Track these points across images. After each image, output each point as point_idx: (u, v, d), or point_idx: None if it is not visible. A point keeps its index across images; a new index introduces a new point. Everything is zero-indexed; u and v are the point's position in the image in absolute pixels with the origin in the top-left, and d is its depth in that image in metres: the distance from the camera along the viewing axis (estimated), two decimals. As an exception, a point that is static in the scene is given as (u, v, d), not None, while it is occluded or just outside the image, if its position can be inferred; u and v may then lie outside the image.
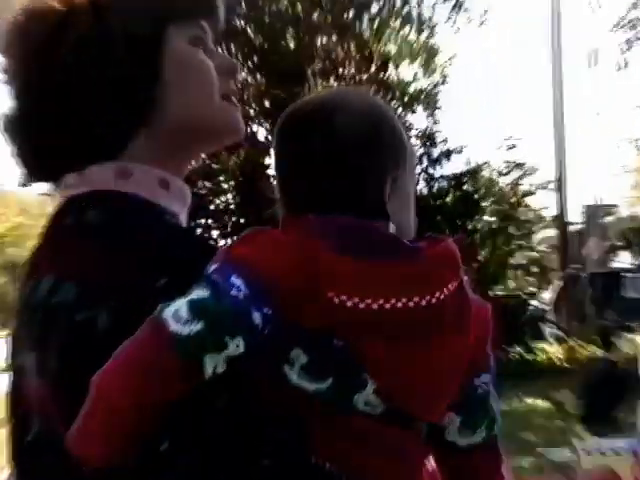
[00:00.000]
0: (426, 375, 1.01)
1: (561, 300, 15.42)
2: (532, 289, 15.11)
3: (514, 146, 14.47)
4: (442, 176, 14.29)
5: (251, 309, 0.92)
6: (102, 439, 0.89)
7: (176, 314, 0.91)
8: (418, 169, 14.28)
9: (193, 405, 0.93)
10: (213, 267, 0.95)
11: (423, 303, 0.99)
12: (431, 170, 14.24)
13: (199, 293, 0.92)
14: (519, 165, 14.50)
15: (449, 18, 15.11)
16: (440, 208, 13.74)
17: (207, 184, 12.57)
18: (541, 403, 10.01)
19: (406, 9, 14.57)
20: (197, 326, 0.90)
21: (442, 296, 1.00)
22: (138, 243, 1.01)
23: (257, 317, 0.93)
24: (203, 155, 1.25)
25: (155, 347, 0.90)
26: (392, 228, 1.04)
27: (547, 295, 16.02)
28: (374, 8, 14.30)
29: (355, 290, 0.96)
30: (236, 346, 0.91)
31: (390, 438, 1.01)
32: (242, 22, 13.05)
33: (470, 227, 13.85)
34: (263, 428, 0.96)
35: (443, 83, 14.67)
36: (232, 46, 12.65)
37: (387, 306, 0.97)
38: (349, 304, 0.96)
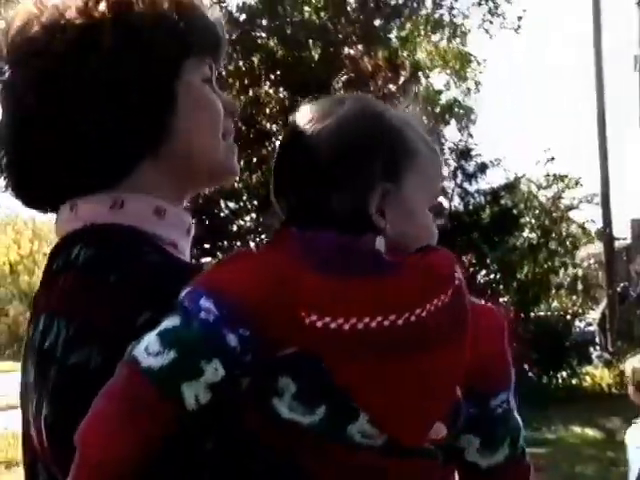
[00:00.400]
0: (411, 395, 1.00)
1: (608, 320, 15.23)
2: (577, 309, 14.96)
3: (553, 158, 14.40)
4: (478, 191, 14.24)
5: (223, 331, 0.93)
6: None
7: (147, 349, 0.92)
8: (452, 184, 14.24)
9: (184, 447, 0.94)
10: (184, 292, 0.96)
11: (400, 322, 0.98)
12: (466, 185, 14.19)
13: (170, 322, 0.94)
14: (560, 178, 14.41)
15: (483, 21, 15.10)
16: (476, 224, 13.67)
17: (230, 205, 12.64)
18: (590, 432, 9.87)
19: (437, 15, 14.60)
20: (169, 355, 0.92)
21: (424, 313, 0.99)
22: (122, 277, 1.03)
23: (232, 339, 0.93)
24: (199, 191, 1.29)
25: (132, 388, 0.92)
26: (379, 242, 1.03)
27: (594, 315, 15.84)
28: (403, 14, 14.35)
29: (326, 310, 0.96)
30: (214, 370, 0.92)
31: (399, 472, 1.00)
32: (264, 34, 13.16)
33: (509, 244, 13.76)
34: (254, 466, 0.98)
35: (476, 91, 14.67)
36: (254, 59, 12.76)
37: (360, 326, 0.97)
38: (319, 324, 0.96)
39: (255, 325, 0.94)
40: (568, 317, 13.97)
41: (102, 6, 1.11)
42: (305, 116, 1.09)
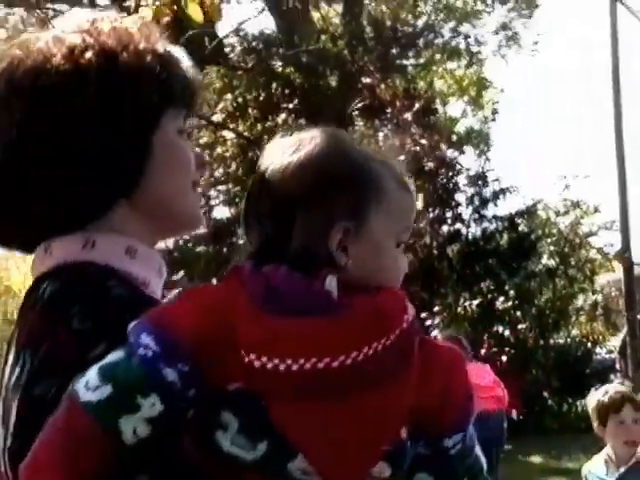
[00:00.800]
0: (345, 437, 0.99)
1: (628, 347, 15.08)
2: (597, 336, 14.83)
3: (568, 186, 14.36)
4: (495, 217, 14.21)
5: (160, 366, 0.94)
6: None
7: (87, 384, 0.94)
8: (469, 210, 14.22)
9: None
10: (131, 326, 0.98)
11: (335, 364, 0.98)
12: (483, 211, 14.16)
13: (113, 356, 0.96)
14: (578, 204, 14.37)
15: (499, 47, 15.12)
16: (494, 251, 13.63)
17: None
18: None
19: (454, 43, 14.65)
20: (107, 390, 0.93)
21: (360, 356, 0.99)
22: (83, 310, 1.05)
23: (170, 374, 0.95)
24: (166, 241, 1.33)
25: (72, 421, 0.94)
26: (330, 282, 1.02)
27: (615, 342, 15.70)
28: (420, 43, 14.42)
29: (264, 350, 0.96)
30: (151, 405, 0.94)
31: None
32: (281, 63, 13.26)
33: (527, 270, 13.69)
34: None
35: (493, 119, 14.68)
36: (272, 88, 12.85)
37: (294, 367, 0.97)
38: (257, 364, 0.96)
39: (196, 361, 0.95)
40: (588, 344, 13.87)
41: (88, 54, 1.13)
42: (275, 150, 1.09)
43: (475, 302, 12.57)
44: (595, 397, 3.72)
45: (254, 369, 0.96)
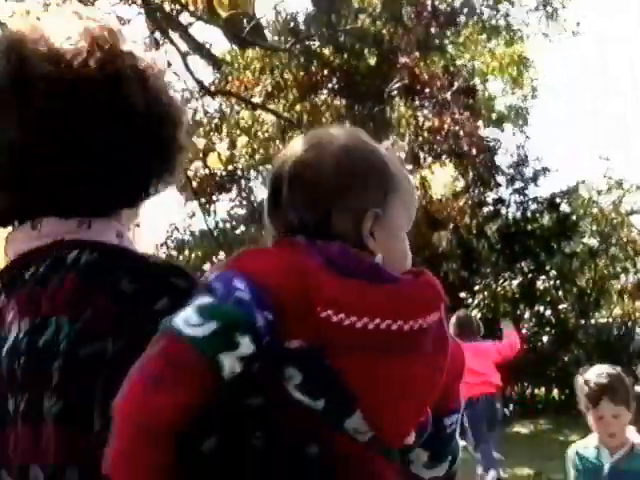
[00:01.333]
0: (403, 396, 1.11)
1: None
2: (639, 316, 14.63)
3: (611, 164, 14.14)
4: (535, 198, 14.06)
5: (254, 310, 1.01)
6: (136, 460, 0.96)
7: (187, 321, 0.99)
8: (509, 191, 14.09)
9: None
10: (213, 276, 1.05)
11: (406, 327, 1.09)
12: (523, 192, 14.02)
13: (204, 299, 1.01)
14: (619, 183, 14.16)
15: (539, 24, 14.90)
16: (534, 231, 13.51)
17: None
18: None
19: (493, 21, 14.48)
20: (211, 326, 0.99)
21: (421, 324, 1.10)
22: (129, 276, 1.10)
23: (260, 319, 1.02)
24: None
25: (176, 355, 0.98)
26: (379, 259, 1.14)
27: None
28: (459, 21, 14.26)
29: (341, 307, 1.06)
30: (248, 344, 1.00)
31: (372, 466, 1.10)
32: (319, 43, 13.21)
33: (567, 250, 13.55)
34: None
35: (533, 97, 14.50)
36: (311, 68, 12.81)
37: (371, 326, 1.07)
38: (334, 319, 1.05)
39: (277, 311, 1.03)
40: (629, 324, 13.70)
41: (102, 54, 1.16)
42: (303, 145, 1.20)
43: (515, 282, 12.47)
44: (579, 382, 3.52)
45: (329, 324, 1.05)
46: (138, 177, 1.19)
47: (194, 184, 11.67)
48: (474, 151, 12.66)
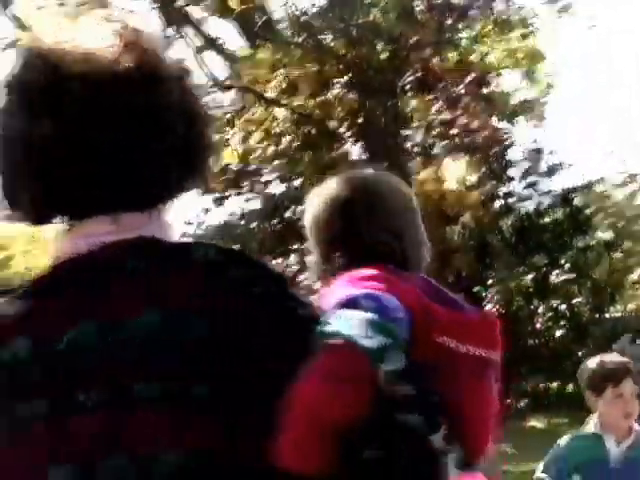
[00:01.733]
0: (489, 417, 1.27)
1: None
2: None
3: (625, 158, 14.06)
4: (549, 191, 14.01)
5: (407, 329, 1.14)
6: (312, 448, 1.01)
7: (360, 332, 1.07)
8: (522, 184, 14.03)
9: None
10: (360, 293, 1.15)
11: (493, 356, 1.25)
12: (537, 186, 13.97)
13: (363, 314, 1.10)
14: (633, 176, 14.09)
15: (552, 14, 14.83)
16: (546, 226, 13.46)
17: (299, 208, 12.70)
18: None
19: (507, 14, 14.40)
20: (380, 340, 1.07)
21: (494, 357, 1.26)
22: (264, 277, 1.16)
23: (407, 337, 1.14)
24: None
25: (350, 359, 1.05)
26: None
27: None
28: (473, 13, 14.20)
29: (452, 334, 1.19)
30: (402, 361, 1.10)
31: None
32: (332, 37, 13.18)
33: (581, 244, 13.50)
34: None
35: (548, 92, 14.42)
36: (324, 63, 12.79)
37: (471, 352, 1.21)
38: (450, 345, 1.19)
39: (410, 332, 1.14)
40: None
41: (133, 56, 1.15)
42: (367, 179, 1.45)
43: (529, 276, 12.44)
44: (591, 366, 3.56)
45: (445, 349, 1.19)
46: (176, 174, 1.20)
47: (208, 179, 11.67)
48: (488, 143, 12.61)
